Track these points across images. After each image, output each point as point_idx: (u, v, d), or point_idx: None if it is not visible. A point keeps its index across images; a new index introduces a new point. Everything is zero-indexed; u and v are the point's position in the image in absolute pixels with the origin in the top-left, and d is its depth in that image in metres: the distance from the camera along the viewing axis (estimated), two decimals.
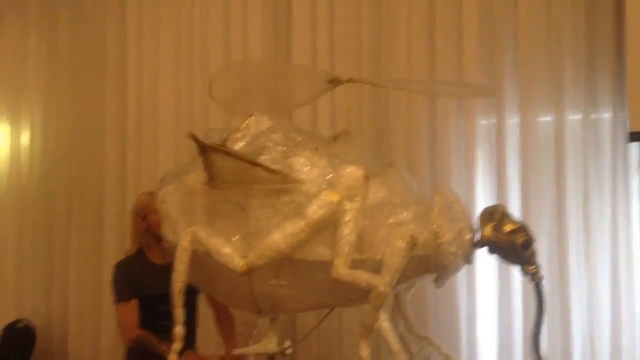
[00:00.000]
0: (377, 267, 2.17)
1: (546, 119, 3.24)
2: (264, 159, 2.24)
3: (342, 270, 2.13)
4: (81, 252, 4.21)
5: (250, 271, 2.18)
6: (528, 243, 2.26)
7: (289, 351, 2.53)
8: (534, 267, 2.28)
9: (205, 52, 3.91)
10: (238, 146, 2.29)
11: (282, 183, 2.19)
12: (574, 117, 3.20)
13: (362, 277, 2.10)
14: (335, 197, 2.15)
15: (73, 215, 4.28)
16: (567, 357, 3.11)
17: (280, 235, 2.14)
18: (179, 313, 2.29)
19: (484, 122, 3.34)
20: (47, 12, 4.45)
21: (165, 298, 2.35)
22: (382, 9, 3.51)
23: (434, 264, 2.27)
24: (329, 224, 2.16)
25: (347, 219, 2.16)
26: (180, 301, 2.28)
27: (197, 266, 2.32)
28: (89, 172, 4.22)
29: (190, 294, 2.44)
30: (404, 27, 3.45)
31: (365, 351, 2.14)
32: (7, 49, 4.62)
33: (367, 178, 2.20)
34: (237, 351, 2.69)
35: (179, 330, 2.30)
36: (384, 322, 2.19)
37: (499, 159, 3.29)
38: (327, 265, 2.16)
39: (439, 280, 2.34)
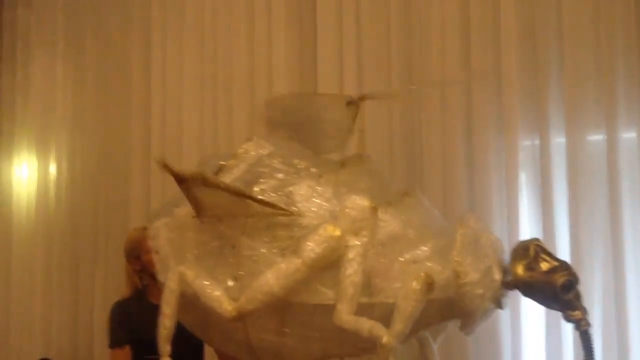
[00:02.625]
0: (388, 313, 1.88)
1: (596, 137, 2.88)
2: (259, 188, 1.97)
3: (344, 316, 1.84)
4: (106, 287, 4.04)
5: (240, 317, 1.91)
6: (570, 284, 1.92)
7: None
8: (578, 312, 1.93)
9: (228, 78, 3.72)
10: (234, 174, 2.04)
11: (278, 216, 1.92)
12: (628, 136, 2.83)
13: (365, 325, 1.80)
14: (336, 232, 1.87)
15: (99, 250, 4.14)
16: None
17: (273, 276, 1.86)
18: None
19: (526, 143, 3.00)
20: (74, 43, 4.36)
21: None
22: (412, 18, 3.23)
23: (457, 308, 1.95)
24: (331, 263, 1.87)
25: (351, 256, 1.87)
26: (167, 351, 2.02)
27: (189, 310, 2.07)
28: (115, 204, 4.07)
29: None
30: (437, 38, 3.15)
31: None
32: (35, 80, 4.53)
33: (375, 209, 1.91)
34: None
35: None
36: None
37: (543, 184, 2.93)
38: (331, 310, 1.87)
39: (466, 328, 2.02)
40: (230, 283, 1.96)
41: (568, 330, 2.81)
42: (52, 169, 4.44)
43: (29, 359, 4.23)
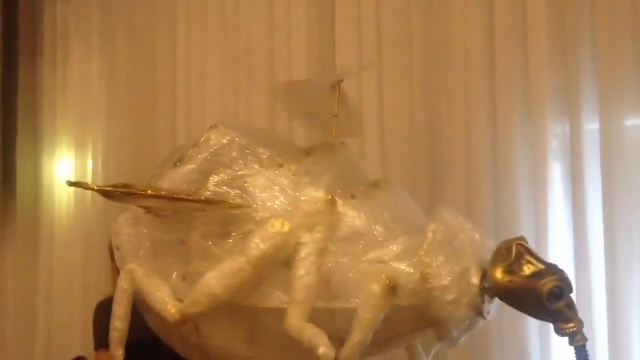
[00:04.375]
0: (351, 319, 1.66)
1: (634, 122, 2.54)
2: (214, 179, 1.80)
3: (293, 322, 1.63)
4: None
5: (184, 321, 1.73)
6: (559, 291, 1.63)
7: None
8: (572, 325, 1.65)
9: (250, 70, 3.55)
10: (193, 163, 1.87)
11: (226, 210, 1.73)
12: None
13: (306, 333, 1.60)
14: (284, 227, 1.67)
15: None
16: None
17: (215, 277, 1.68)
18: None
19: (556, 130, 2.68)
20: (107, 37, 4.31)
21: (152, 342, 2.05)
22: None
23: (428, 316, 1.70)
24: (279, 261, 1.67)
25: (303, 255, 1.67)
26: (120, 356, 1.87)
27: (149, 310, 1.92)
28: None
29: None
30: (458, 14, 2.87)
31: None
32: (73, 76, 4.52)
33: (332, 202, 1.70)
34: None
35: None
36: None
37: (575, 175, 2.61)
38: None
39: (442, 338, 1.77)
40: (179, 282, 1.79)
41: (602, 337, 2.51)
42: (89, 165, 4.40)
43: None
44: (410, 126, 2.98)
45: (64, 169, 4.54)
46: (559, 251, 2.61)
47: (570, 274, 2.50)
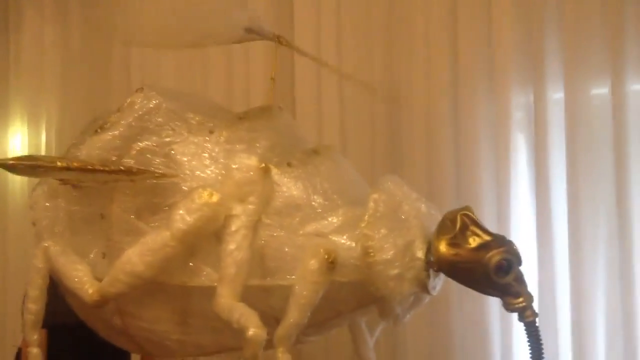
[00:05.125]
0: (287, 298, 1.54)
1: (600, 91, 2.41)
2: (137, 147, 1.65)
3: (223, 301, 1.50)
4: None
5: (103, 302, 1.59)
6: (507, 264, 1.51)
7: None
8: (521, 299, 1.53)
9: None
10: (116, 130, 1.71)
11: (150, 180, 1.59)
12: (637, 88, 2.36)
13: (236, 313, 1.46)
14: (212, 198, 1.53)
15: None
16: None
17: (137, 253, 1.54)
18: (32, 355, 1.73)
19: (520, 100, 2.55)
20: (60, 5, 4.11)
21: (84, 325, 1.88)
22: None
23: (370, 293, 1.57)
24: (209, 235, 1.54)
25: (233, 228, 1.53)
26: (35, 341, 1.73)
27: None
28: None
29: None
30: None
31: None
32: (25, 46, 4.32)
33: (265, 170, 1.56)
34: None
35: None
36: None
37: (538, 146, 2.49)
38: None
39: (385, 316, 1.65)
40: (99, 260, 1.65)
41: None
42: (43, 139, 4.23)
43: None
44: (370, 94, 2.83)
45: (17, 144, 4.36)
46: (522, 223, 2.51)
47: (533, 246, 2.44)
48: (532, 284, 2.38)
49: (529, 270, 2.43)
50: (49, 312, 2.40)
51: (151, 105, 1.72)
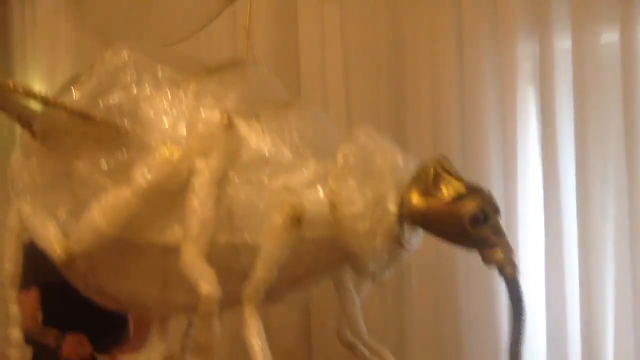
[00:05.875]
0: (256, 255, 1.49)
1: (609, 39, 2.28)
2: (103, 103, 1.61)
3: (186, 259, 1.46)
4: None
5: (71, 260, 1.57)
6: (482, 215, 1.44)
7: None
8: (499, 252, 1.46)
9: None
10: (85, 88, 1.67)
11: (116, 134, 1.55)
12: None
13: (194, 272, 1.42)
14: (174, 153, 1.48)
15: None
16: None
17: (99, 211, 1.51)
18: (12, 311, 1.73)
19: (525, 49, 2.43)
20: None
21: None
22: None
23: (341, 249, 1.52)
24: (172, 192, 1.49)
25: (197, 185, 1.49)
26: (12, 297, 1.72)
27: None
28: None
29: None
30: None
31: None
32: (42, 12, 4.32)
33: (229, 124, 1.50)
34: (125, 359, 2.14)
35: (15, 333, 1.76)
36: (254, 338, 1.48)
37: (544, 97, 2.38)
38: None
39: (359, 273, 1.59)
40: (68, 218, 1.62)
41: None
42: None
43: None
44: (374, 50, 2.74)
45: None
46: (528, 178, 2.42)
47: (540, 201, 2.35)
48: (538, 235, 2.35)
49: (535, 220, 2.37)
50: (41, 270, 2.43)
51: (121, 61, 1.67)
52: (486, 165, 2.48)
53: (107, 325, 2.38)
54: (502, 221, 2.28)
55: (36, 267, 2.41)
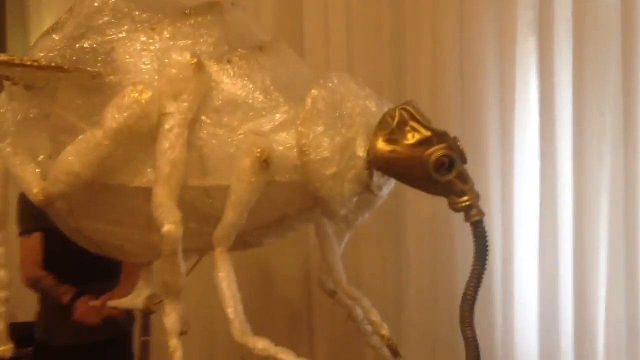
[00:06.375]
0: (226, 198, 1.50)
1: None
2: (80, 45, 1.62)
3: (156, 200, 1.47)
4: None
5: (47, 202, 1.59)
6: (448, 161, 1.43)
7: (156, 308, 1.92)
8: (465, 198, 1.45)
9: None
10: (64, 31, 1.68)
11: (90, 79, 1.56)
12: None
13: (161, 212, 1.43)
14: (143, 95, 1.48)
15: None
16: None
17: (73, 153, 1.53)
18: None
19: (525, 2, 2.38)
20: None
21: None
22: None
23: (311, 193, 1.52)
24: (144, 134, 1.50)
25: (167, 126, 1.49)
26: (0, 238, 1.77)
27: None
28: None
29: None
30: None
31: (170, 317, 1.49)
32: None
33: (198, 66, 1.50)
34: (110, 304, 2.21)
35: (1, 274, 1.80)
36: (223, 281, 1.50)
37: (543, 51, 2.34)
38: None
39: (330, 217, 1.60)
40: (47, 160, 1.64)
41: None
42: None
43: None
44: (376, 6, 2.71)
45: None
46: (525, 130, 2.39)
47: (536, 153, 2.33)
48: (534, 192, 2.33)
49: (531, 173, 2.36)
50: (42, 216, 2.47)
51: (97, 4, 1.67)
52: (484, 117, 2.45)
53: (103, 270, 2.42)
54: (498, 165, 2.34)
55: (38, 213, 2.47)
